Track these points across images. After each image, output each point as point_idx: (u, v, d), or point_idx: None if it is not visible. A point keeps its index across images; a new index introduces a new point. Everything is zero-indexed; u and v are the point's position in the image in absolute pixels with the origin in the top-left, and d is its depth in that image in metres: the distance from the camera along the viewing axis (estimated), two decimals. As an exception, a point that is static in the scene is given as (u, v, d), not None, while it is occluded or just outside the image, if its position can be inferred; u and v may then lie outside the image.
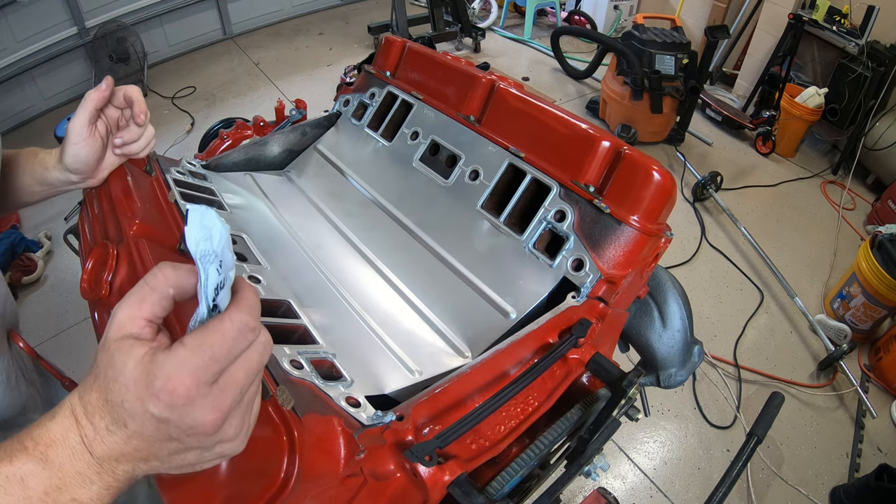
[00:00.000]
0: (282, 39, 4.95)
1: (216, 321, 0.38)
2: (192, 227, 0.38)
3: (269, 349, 0.42)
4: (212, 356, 0.37)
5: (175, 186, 0.90)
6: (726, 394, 2.28)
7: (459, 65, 1.13)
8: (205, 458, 0.41)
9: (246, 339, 0.39)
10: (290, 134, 1.27)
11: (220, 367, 0.38)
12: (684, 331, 1.06)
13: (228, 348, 0.38)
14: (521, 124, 1.00)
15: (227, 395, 0.38)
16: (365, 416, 0.58)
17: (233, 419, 0.40)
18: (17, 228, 2.81)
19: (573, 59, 4.53)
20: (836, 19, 3.36)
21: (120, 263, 0.70)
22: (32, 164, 0.77)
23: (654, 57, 3.29)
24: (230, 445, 0.41)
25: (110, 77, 0.75)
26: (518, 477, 0.67)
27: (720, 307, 2.65)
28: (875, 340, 2.51)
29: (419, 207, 1.05)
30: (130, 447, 0.38)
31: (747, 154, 3.73)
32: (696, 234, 3.05)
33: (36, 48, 3.71)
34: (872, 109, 3.23)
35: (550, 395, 0.72)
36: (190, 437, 0.38)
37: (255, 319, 0.40)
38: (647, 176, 0.85)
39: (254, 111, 3.26)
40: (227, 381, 0.39)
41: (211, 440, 0.39)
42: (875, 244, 2.37)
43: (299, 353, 0.64)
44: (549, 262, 0.89)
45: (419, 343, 0.84)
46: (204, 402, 0.37)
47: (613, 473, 2.00)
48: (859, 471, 2.03)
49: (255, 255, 0.86)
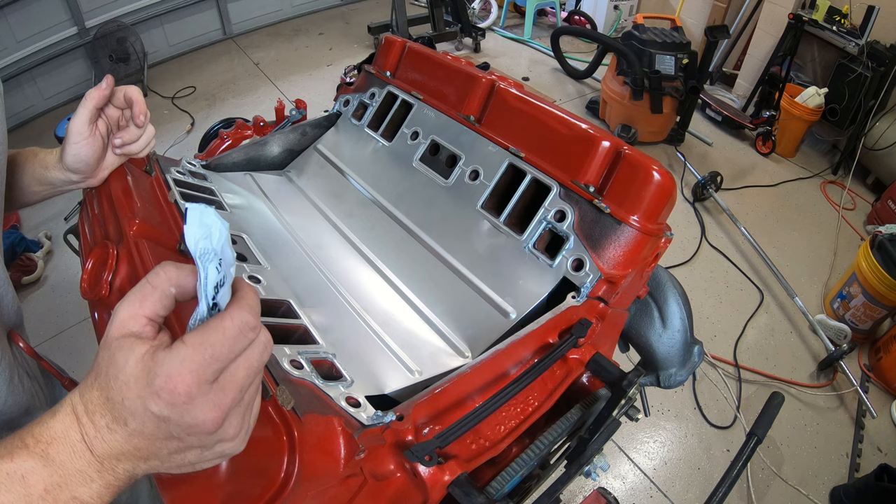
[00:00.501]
0: (282, 39, 4.95)
1: (217, 320, 0.38)
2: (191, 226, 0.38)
3: (269, 348, 0.42)
4: (213, 355, 0.37)
5: (175, 186, 0.90)
6: (726, 394, 2.28)
7: (459, 65, 1.13)
8: (205, 457, 0.41)
9: (246, 337, 0.39)
10: (290, 134, 1.27)
11: (221, 366, 0.38)
12: (684, 331, 1.06)
13: (229, 347, 0.38)
14: (521, 124, 1.00)
15: (228, 393, 0.38)
16: (365, 416, 0.58)
17: (233, 418, 0.40)
18: (17, 228, 2.81)
19: (573, 59, 4.53)
20: (836, 19, 3.36)
21: (120, 263, 0.70)
22: (32, 164, 0.77)
23: (654, 57, 3.29)
24: (230, 445, 0.41)
25: (110, 76, 0.74)
26: (518, 477, 0.67)
27: (720, 307, 2.65)
28: (875, 340, 2.51)
29: (419, 207, 1.05)
30: (131, 445, 0.38)
31: (747, 154, 3.73)
32: (696, 234, 3.05)
33: (36, 48, 3.71)
34: (872, 109, 3.23)
35: (550, 395, 0.72)
36: (190, 435, 0.38)
37: (256, 318, 0.40)
38: (647, 176, 0.85)
39: (254, 111, 3.26)
40: (227, 379, 0.38)
41: (211, 439, 0.39)
42: (875, 244, 2.37)
43: (299, 353, 0.64)
44: (549, 262, 0.89)
45: (419, 343, 0.84)
46: (204, 401, 0.37)
47: (613, 473, 2.00)
48: (859, 471, 2.03)
49: (255, 255, 0.86)
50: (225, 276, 0.39)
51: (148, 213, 0.78)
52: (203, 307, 0.39)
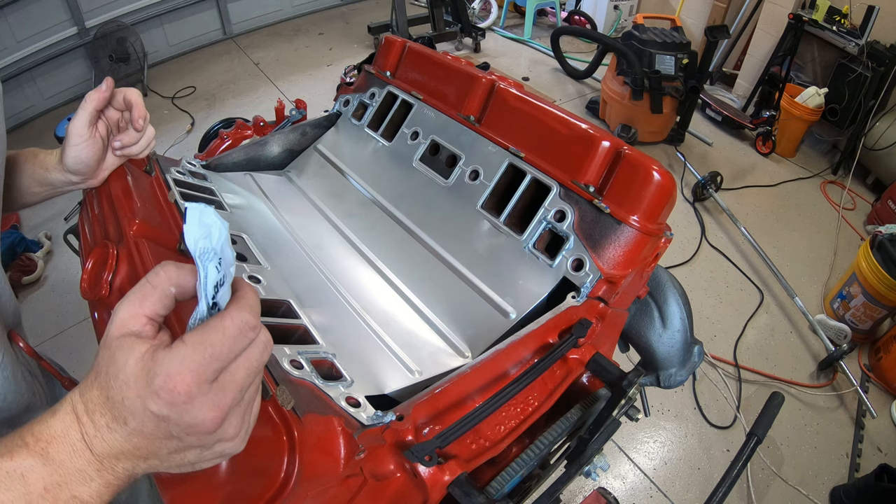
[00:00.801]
0: (282, 39, 4.95)
1: (217, 319, 0.38)
2: (191, 225, 0.38)
3: (269, 348, 0.42)
4: (212, 354, 0.37)
5: (175, 186, 0.90)
6: (726, 394, 2.28)
7: (459, 65, 1.13)
8: (204, 457, 0.41)
9: (246, 337, 0.39)
10: (290, 134, 1.27)
11: (221, 366, 0.38)
12: (684, 331, 1.06)
13: (229, 347, 0.38)
14: (521, 124, 1.00)
15: (228, 393, 0.38)
16: (365, 416, 0.58)
17: (233, 418, 0.40)
18: (17, 228, 2.81)
19: (573, 59, 4.53)
20: (836, 19, 3.36)
21: (120, 263, 0.70)
22: (32, 164, 0.77)
23: (654, 57, 3.29)
24: (230, 444, 0.41)
25: (110, 78, 0.74)
26: (518, 477, 0.67)
27: (720, 307, 2.65)
28: (875, 340, 2.51)
29: (419, 207, 1.05)
30: (130, 445, 0.38)
31: (747, 154, 3.73)
32: (696, 234, 3.05)
33: (36, 48, 3.71)
34: (872, 109, 3.23)
35: (550, 395, 0.72)
36: (190, 435, 0.38)
37: (256, 318, 0.40)
38: (647, 176, 0.85)
39: (254, 111, 3.26)
40: (227, 379, 0.38)
41: (210, 439, 0.39)
42: (875, 244, 2.37)
43: (299, 353, 0.64)
44: (549, 262, 0.89)
45: (419, 343, 0.84)
46: (204, 401, 0.37)
47: (613, 473, 2.00)
48: (859, 471, 2.03)
49: (255, 255, 0.86)
50: (225, 275, 0.39)
51: (148, 213, 0.78)
52: (203, 306, 0.39)
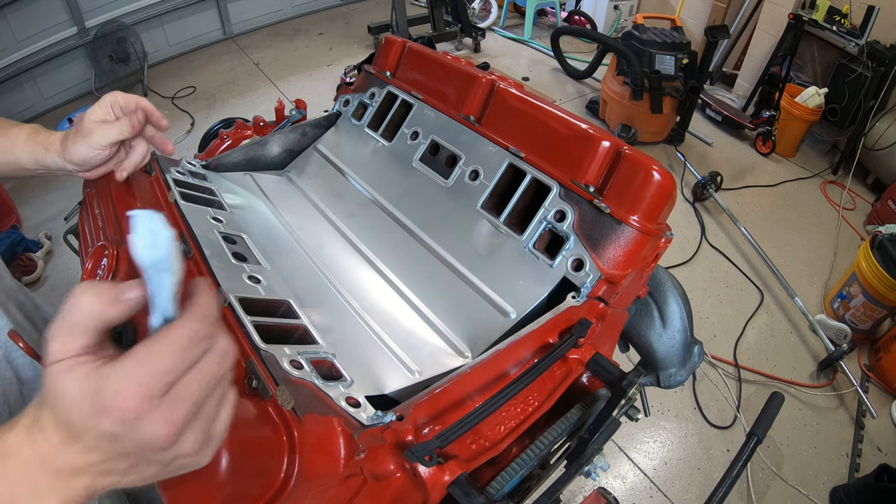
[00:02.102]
0: (282, 39, 4.95)
1: (165, 330, 0.37)
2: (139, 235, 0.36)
3: (228, 357, 0.40)
4: (160, 367, 0.35)
5: (175, 186, 0.90)
6: (726, 394, 2.28)
7: (459, 65, 1.13)
8: (167, 471, 0.39)
9: (199, 347, 0.38)
10: (290, 134, 1.27)
11: (171, 379, 0.36)
12: (684, 331, 1.06)
13: (179, 359, 0.36)
14: (521, 124, 1.00)
15: (180, 407, 0.37)
16: (365, 416, 0.58)
17: (189, 434, 0.38)
18: (17, 228, 2.81)
19: (573, 59, 4.53)
20: (836, 19, 3.36)
21: (120, 263, 0.70)
22: (34, 141, 0.77)
23: (654, 57, 3.29)
24: (191, 460, 0.39)
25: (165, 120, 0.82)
26: (518, 477, 0.67)
27: (720, 307, 2.65)
28: (875, 340, 2.51)
29: (419, 207, 1.05)
30: (86, 461, 0.37)
31: (747, 154, 3.73)
32: (696, 234, 3.05)
33: (36, 48, 3.71)
34: (872, 109, 3.23)
35: (550, 395, 0.72)
36: (144, 451, 0.37)
37: (208, 327, 0.38)
38: (647, 176, 0.85)
39: (254, 111, 3.26)
40: (178, 393, 0.37)
41: (167, 455, 0.38)
42: (875, 244, 2.37)
43: (299, 353, 0.64)
44: (549, 262, 0.89)
45: (419, 343, 0.84)
46: (154, 416, 0.35)
47: (613, 473, 2.00)
48: (859, 471, 2.03)
49: (254, 256, 0.86)
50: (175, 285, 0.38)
51: (148, 213, 0.78)
52: (155, 318, 0.38)
